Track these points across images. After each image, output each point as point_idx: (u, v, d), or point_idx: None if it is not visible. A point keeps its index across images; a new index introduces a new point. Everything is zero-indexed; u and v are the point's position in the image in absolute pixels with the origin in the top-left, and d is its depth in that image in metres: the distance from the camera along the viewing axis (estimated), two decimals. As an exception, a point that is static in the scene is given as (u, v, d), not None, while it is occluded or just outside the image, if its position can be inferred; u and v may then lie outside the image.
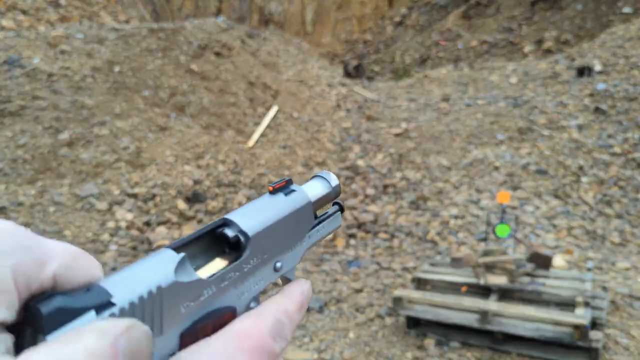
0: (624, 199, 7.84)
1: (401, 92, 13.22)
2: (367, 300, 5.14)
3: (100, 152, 7.53)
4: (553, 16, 19.59)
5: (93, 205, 6.69)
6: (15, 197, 6.40)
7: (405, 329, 4.44)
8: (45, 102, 7.84)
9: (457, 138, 9.85)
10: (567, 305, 4.13)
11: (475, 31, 21.31)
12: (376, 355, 4.10)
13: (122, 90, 8.76)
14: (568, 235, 7.00)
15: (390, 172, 9.03)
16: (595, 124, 9.56)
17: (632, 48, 11.60)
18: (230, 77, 10.58)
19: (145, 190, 7.17)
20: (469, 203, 7.82)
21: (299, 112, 10.81)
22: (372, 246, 7.00)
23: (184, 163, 7.98)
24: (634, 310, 4.65)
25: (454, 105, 11.42)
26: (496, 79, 12.59)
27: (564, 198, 7.87)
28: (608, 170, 8.38)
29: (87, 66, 8.81)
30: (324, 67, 14.68)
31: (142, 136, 8.12)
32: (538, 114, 10.14)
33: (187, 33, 10.89)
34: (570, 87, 11.00)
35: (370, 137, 10.30)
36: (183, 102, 9.27)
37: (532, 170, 8.47)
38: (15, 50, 8.56)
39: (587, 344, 3.66)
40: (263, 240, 0.36)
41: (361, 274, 5.97)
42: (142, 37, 10.12)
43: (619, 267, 5.93)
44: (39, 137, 7.35)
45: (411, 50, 22.47)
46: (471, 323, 4.07)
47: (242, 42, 12.22)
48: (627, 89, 10.15)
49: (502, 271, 4.46)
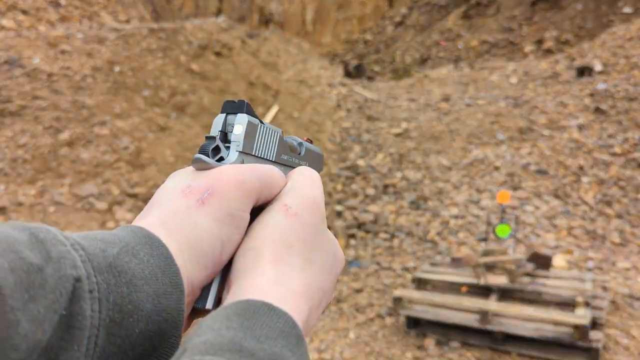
0: (624, 199, 7.83)
1: (401, 92, 13.22)
2: (367, 300, 5.14)
3: (100, 152, 7.53)
4: (553, 16, 19.58)
5: (93, 205, 6.69)
6: (15, 197, 6.40)
7: (405, 329, 4.44)
8: (45, 102, 7.84)
9: (458, 138, 9.85)
10: (567, 305, 4.13)
11: (476, 31, 21.30)
12: (376, 355, 4.10)
13: (122, 90, 8.76)
14: (568, 235, 7.00)
15: (391, 172, 9.03)
16: (595, 124, 9.55)
17: (632, 48, 11.60)
18: (230, 77, 10.58)
19: (145, 190, 7.17)
20: (469, 203, 7.82)
21: (299, 112, 10.81)
22: (372, 246, 7.00)
23: (184, 163, 7.98)
24: (634, 310, 4.65)
25: (454, 105, 11.41)
26: (496, 79, 12.59)
27: (564, 198, 7.87)
28: (608, 170, 8.38)
29: (87, 66, 8.81)
30: (324, 67, 14.68)
31: (142, 136, 8.12)
32: (538, 114, 10.14)
33: (187, 33, 10.89)
34: (570, 87, 11.00)
35: (370, 137, 10.30)
36: (183, 102, 9.28)
37: (532, 170, 8.46)
38: (15, 50, 8.56)
39: (587, 344, 3.66)
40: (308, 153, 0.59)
41: (361, 274, 5.97)
42: (142, 37, 10.13)
43: (619, 267, 5.93)
44: (39, 137, 7.36)
45: (411, 50, 22.47)
46: (471, 323, 4.07)
47: (242, 42, 12.22)
48: (627, 89, 10.15)
49: (502, 271, 4.46)
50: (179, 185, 0.44)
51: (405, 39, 23.98)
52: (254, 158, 0.48)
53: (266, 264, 0.42)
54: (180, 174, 0.46)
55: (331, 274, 0.47)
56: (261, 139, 0.49)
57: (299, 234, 0.44)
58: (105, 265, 0.35)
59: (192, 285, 0.42)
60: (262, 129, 0.49)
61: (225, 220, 0.42)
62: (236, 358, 0.32)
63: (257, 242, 0.43)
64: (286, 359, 0.34)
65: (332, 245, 0.49)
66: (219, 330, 0.34)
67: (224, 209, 0.42)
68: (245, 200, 0.44)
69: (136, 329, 0.36)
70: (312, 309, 0.43)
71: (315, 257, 0.45)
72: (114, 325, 0.35)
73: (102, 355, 0.35)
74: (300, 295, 0.42)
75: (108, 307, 0.35)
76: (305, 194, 0.48)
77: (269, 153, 0.50)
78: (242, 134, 0.46)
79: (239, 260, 0.44)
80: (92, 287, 0.34)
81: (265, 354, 0.33)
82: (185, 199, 0.42)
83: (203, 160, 0.44)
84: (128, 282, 0.36)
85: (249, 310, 0.36)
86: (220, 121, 0.47)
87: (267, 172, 0.46)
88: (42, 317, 0.31)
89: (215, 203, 0.42)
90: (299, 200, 0.47)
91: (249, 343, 0.34)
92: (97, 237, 0.37)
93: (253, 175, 0.45)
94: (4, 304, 0.29)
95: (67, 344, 0.33)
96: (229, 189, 0.43)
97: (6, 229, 0.33)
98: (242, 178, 0.44)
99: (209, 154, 0.45)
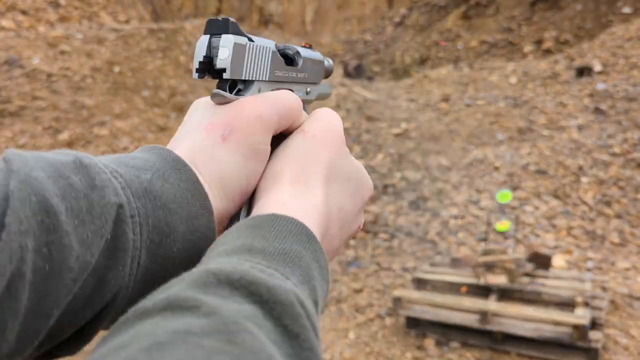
0: (624, 199, 7.83)
1: (401, 92, 13.21)
2: (366, 300, 5.14)
3: (100, 152, 7.53)
4: (553, 16, 19.59)
5: (93, 205, 6.70)
6: (15, 198, 6.40)
7: (405, 329, 4.44)
8: (45, 102, 7.84)
9: (457, 138, 9.86)
10: (566, 305, 4.13)
11: (475, 31, 21.31)
12: (376, 355, 4.11)
13: (122, 90, 8.77)
14: (568, 235, 7.00)
15: (390, 172, 9.03)
16: (594, 124, 9.55)
17: (632, 48, 11.60)
18: (230, 77, 10.59)
19: (145, 190, 7.18)
20: (469, 203, 7.83)
21: (299, 112, 10.82)
22: (371, 246, 7.00)
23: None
24: (633, 310, 4.65)
25: (454, 105, 11.42)
26: (496, 79, 12.59)
27: (563, 198, 7.87)
28: (608, 170, 8.38)
29: (87, 66, 8.81)
30: (323, 67, 14.67)
31: (141, 136, 8.12)
32: (538, 114, 10.14)
33: (186, 33, 10.89)
34: (569, 87, 11.00)
35: (370, 137, 10.30)
36: (183, 102, 9.28)
37: (532, 170, 8.46)
38: (15, 51, 8.56)
39: (587, 344, 3.66)
40: (305, 63, 0.55)
41: (361, 274, 5.97)
42: (142, 37, 10.13)
43: (618, 267, 5.93)
44: (38, 137, 7.36)
45: (411, 50, 22.47)
46: (471, 323, 4.07)
47: (242, 42, 12.23)
48: (627, 89, 10.15)
49: (502, 271, 4.46)
50: (203, 120, 0.47)
51: (404, 39, 23.99)
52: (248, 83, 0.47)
53: (285, 183, 0.44)
54: (201, 108, 0.49)
55: (354, 198, 0.49)
56: (251, 60, 0.46)
57: (317, 155, 0.46)
58: (141, 191, 0.38)
59: (220, 216, 0.45)
60: (251, 48, 0.46)
61: (248, 154, 0.45)
62: (246, 257, 0.34)
63: (277, 166, 0.46)
64: (297, 252, 0.37)
65: (357, 170, 0.50)
66: (232, 241, 0.37)
67: (246, 143, 0.44)
68: (265, 133, 0.46)
69: (174, 248, 0.39)
70: (330, 225, 0.45)
71: (334, 178, 0.46)
72: (154, 245, 0.38)
73: (147, 273, 0.38)
74: (314, 208, 0.43)
75: (148, 230, 0.38)
76: (322, 118, 0.50)
77: (261, 73, 0.48)
78: (229, 59, 0.43)
79: (260, 184, 0.46)
80: (132, 213, 0.37)
81: (275, 249, 0.36)
82: (209, 135, 0.45)
83: (221, 94, 0.45)
84: (163, 205, 0.39)
85: (257, 221, 0.39)
86: (204, 44, 0.44)
87: (284, 102, 0.48)
88: (90, 241, 0.34)
89: (237, 139, 0.44)
90: (316, 125, 0.49)
91: (258, 242, 0.36)
92: (129, 164, 0.40)
93: (270, 108, 0.46)
94: (60, 229, 0.31)
95: (113, 264, 0.36)
96: (248, 124, 0.45)
97: (53, 155, 0.36)
98: (260, 112, 0.45)
99: (226, 88, 0.45)
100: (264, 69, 0.48)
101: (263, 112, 0.45)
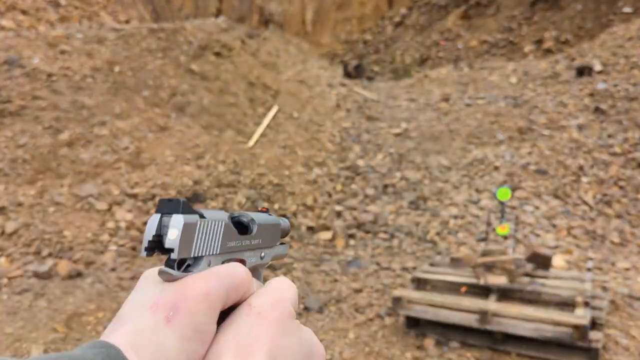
0: (624, 199, 7.83)
1: (401, 92, 13.21)
2: (366, 300, 5.14)
3: (100, 152, 7.53)
4: (553, 16, 19.58)
5: (93, 205, 6.69)
6: (15, 197, 6.40)
7: (405, 329, 4.44)
8: (45, 102, 7.84)
9: (457, 138, 9.86)
10: (566, 305, 4.13)
11: (475, 31, 21.30)
12: (376, 355, 4.11)
13: (122, 90, 8.76)
14: (568, 235, 7.00)
15: (390, 172, 9.03)
16: (595, 124, 9.55)
17: (632, 48, 11.60)
18: (230, 77, 10.59)
19: (145, 190, 7.17)
20: (469, 203, 7.83)
21: (299, 112, 10.81)
22: (371, 246, 7.00)
23: (184, 163, 7.98)
24: (633, 311, 4.65)
25: (454, 105, 11.41)
26: (496, 78, 12.59)
27: (563, 198, 7.87)
28: (608, 170, 8.38)
29: (87, 66, 8.81)
30: (323, 67, 14.69)
31: (142, 136, 8.12)
32: (538, 114, 10.14)
33: (187, 33, 10.89)
34: (570, 87, 11.00)
35: (370, 137, 10.30)
36: (183, 102, 9.28)
37: (532, 170, 8.46)
38: (15, 50, 8.56)
39: (587, 344, 3.66)
40: (260, 229, 0.56)
41: (361, 274, 5.97)
42: (142, 37, 10.13)
43: (618, 267, 5.93)
44: (38, 137, 7.35)
45: (411, 50, 22.47)
46: (471, 323, 4.07)
47: (242, 42, 12.22)
48: (627, 88, 10.15)
49: (502, 271, 4.46)
50: (147, 299, 0.45)
51: (404, 39, 23.98)
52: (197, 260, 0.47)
53: None
54: (150, 282, 0.47)
55: None
56: (201, 238, 0.46)
57: (260, 334, 0.45)
58: None
59: None
60: (202, 225, 0.46)
61: (191, 336, 0.43)
62: None
63: (220, 345, 0.45)
64: None
65: (306, 343, 0.48)
66: None
67: (191, 325, 0.43)
68: (211, 312, 0.45)
69: None
70: None
71: (279, 356, 0.45)
72: None
73: None
74: None
75: None
76: (271, 292, 0.49)
77: (211, 248, 0.48)
78: (177, 240, 0.44)
79: None
80: None
81: None
82: (152, 315, 0.43)
83: (168, 272, 0.44)
84: None
85: None
86: (155, 223, 0.45)
87: (232, 277, 0.47)
88: None
89: (181, 321, 0.43)
90: (264, 299, 0.48)
91: None
92: None
93: (218, 284, 0.45)
94: None
95: None
96: (194, 302, 0.43)
97: None
98: (207, 290, 0.44)
99: (174, 266, 0.45)
100: (215, 242, 0.48)
101: (210, 290, 0.44)
